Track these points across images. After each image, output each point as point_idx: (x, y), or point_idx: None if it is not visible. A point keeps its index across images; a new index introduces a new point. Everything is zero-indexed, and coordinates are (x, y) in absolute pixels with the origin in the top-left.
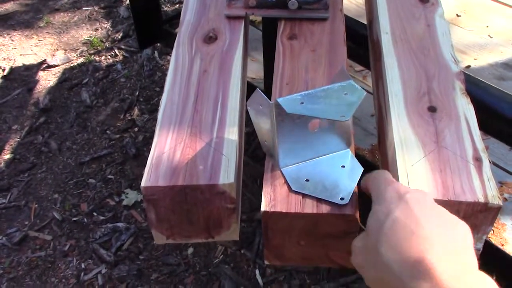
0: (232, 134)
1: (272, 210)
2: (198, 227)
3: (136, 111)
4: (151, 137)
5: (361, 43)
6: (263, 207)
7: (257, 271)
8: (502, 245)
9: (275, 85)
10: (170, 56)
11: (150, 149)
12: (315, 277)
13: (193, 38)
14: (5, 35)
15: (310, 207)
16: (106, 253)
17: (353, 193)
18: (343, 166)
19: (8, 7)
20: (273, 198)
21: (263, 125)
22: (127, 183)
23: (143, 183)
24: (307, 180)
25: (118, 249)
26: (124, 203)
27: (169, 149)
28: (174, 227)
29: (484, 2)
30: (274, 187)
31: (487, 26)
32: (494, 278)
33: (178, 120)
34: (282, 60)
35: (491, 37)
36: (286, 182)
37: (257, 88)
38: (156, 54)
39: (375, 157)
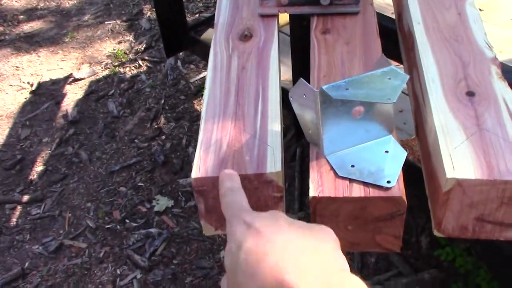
0: (275, 125)
1: (320, 195)
2: None
3: (162, 119)
4: (178, 144)
5: (389, 36)
6: (312, 193)
7: None
8: None
9: (312, 78)
10: (193, 65)
11: (178, 155)
12: None
13: (229, 37)
14: (32, 52)
15: (358, 191)
16: (140, 259)
17: (398, 176)
18: (386, 151)
19: (33, 25)
20: (320, 184)
21: (307, 114)
22: (157, 189)
23: (193, 175)
24: (352, 166)
25: (151, 254)
26: (156, 209)
27: (215, 142)
28: (223, 217)
29: None
30: (320, 174)
31: (511, 19)
32: None
33: (222, 113)
34: (317, 54)
35: None
36: (332, 168)
37: (301, 78)
38: (179, 63)
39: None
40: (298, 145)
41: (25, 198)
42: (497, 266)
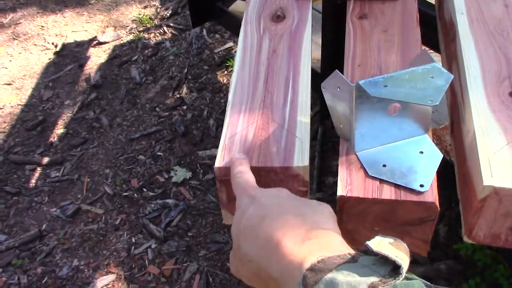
0: (304, 116)
1: (348, 194)
2: None
3: (184, 89)
4: (199, 115)
5: (428, 24)
6: (340, 191)
7: None
8: None
9: (346, 66)
10: (218, 34)
11: (199, 126)
12: None
13: (261, 16)
14: (57, 12)
15: (388, 193)
16: (156, 229)
17: (432, 180)
18: (421, 152)
19: None
20: (349, 183)
21: (339, 107)
22: (176, 160)
23: (216, 164)
24: (384, 166)
25: (167, 225)
26: (173, 180)
27: (241, 130)
28: None
29: None
30: (350, 172)
31: None
32: None
33: (250, 100)
34: (353, 41)
35: None
36: (362, 166)
37: (336, 70)
38: (204, 32)
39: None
40: (321, 124)
41: (45, 160)
42: None
